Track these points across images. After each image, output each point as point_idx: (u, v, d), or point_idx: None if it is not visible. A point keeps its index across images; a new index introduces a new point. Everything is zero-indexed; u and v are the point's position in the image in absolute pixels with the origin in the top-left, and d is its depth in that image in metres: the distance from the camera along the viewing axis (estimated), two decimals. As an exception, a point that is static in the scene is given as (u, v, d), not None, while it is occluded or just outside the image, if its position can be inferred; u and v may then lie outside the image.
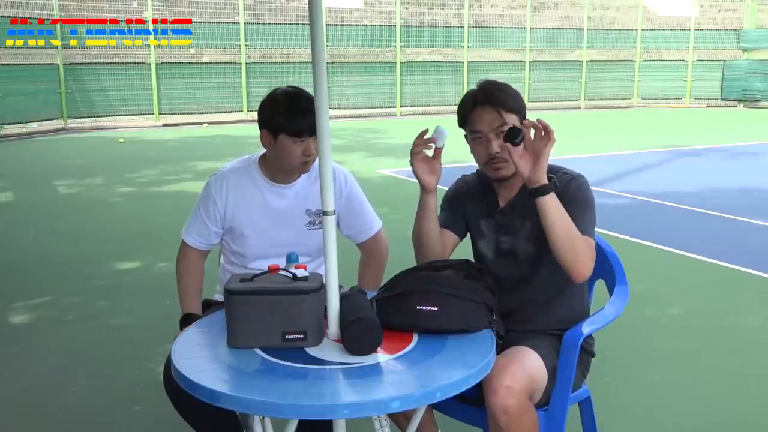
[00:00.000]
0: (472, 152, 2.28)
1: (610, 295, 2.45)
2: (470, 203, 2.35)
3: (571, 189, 2.20)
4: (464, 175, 2.45)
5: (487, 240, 2.32)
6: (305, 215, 2.49)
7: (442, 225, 2.38)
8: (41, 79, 15.26)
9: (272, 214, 2.48)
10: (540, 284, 2.22)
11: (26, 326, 4.22)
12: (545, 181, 2.07)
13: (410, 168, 2.24)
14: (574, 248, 2.07)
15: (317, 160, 2.08)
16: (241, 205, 2.48)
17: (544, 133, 2.06)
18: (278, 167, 2.45)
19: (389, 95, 19.39)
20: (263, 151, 2.49)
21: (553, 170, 2.25)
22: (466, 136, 2.29)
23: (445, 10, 20.66)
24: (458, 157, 2.33)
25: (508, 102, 2.20)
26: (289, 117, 2.34)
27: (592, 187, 2.29)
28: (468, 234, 2.41)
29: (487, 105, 2.20)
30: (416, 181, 2.24)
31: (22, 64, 15.13)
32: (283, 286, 1.87)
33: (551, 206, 2.07)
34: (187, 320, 2.38)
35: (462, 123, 2.28)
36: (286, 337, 1.84)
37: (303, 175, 2.50)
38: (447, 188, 2.46)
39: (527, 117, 2.23)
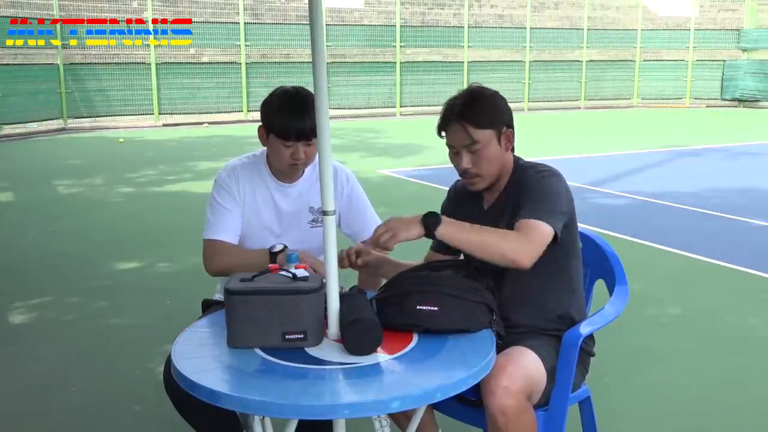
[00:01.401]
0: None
1: (610, 295, 2.45)
2: (459, 210, 2.33)
3: (528, 179, 2.19)
4: (456, 181, 2.44)
5: None
6: (308, 213, 2.51)
7: (433, 248, 2.42)
8: (41, 79, 15.26)
9: (279, 212, 2.50)
10: (523, 281, 2.21)
11: (26, 326, 4.22)
12: (419, 230, 2.02)
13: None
14: (497, 251, 2.03)
15: (317, 160, 2.07)
16: (252, 202, 2.48)
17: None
18: (275, 165, 2.47)
19: (389, 95, 19.39)
20: None
21: (527, 167, 2.26)
22: None
23: (445, 10, 20.65)
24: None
25: (479, 119, 2.19)
26: (279, 118, 2.35)
27: (592, 187, 2.28)
28: None
29: (457, 123, 2.21)
30: (416, 180, 2.24)
31: (22, 64, 15.12)
32: (283, 286, 1.87)
33: (446, 238, 2.04)
34: (273, 255, 2.24)
35: (439, 132, 2.29)
36: (286, 337, 1.84)
37: (306, 173, 2.51)
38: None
39: (512, 127, 2.24)
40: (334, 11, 18.96)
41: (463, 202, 2.37)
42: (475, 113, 2.19)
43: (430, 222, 2.03)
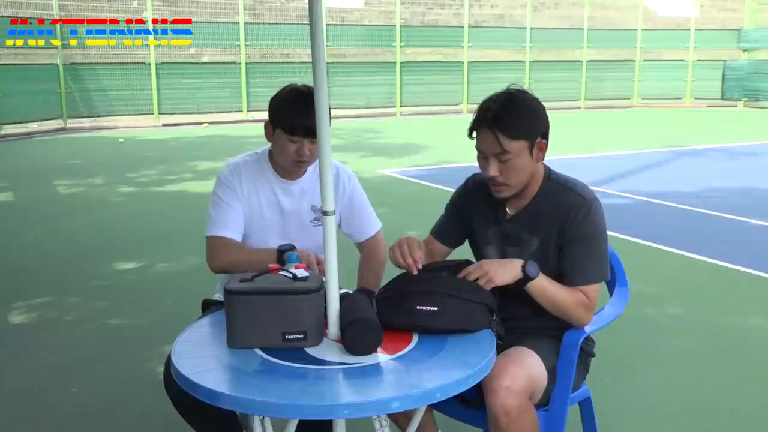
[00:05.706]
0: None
1: (610, 295, 2.45)
2: (476, 207, 2.32)
3: (577, 225, 2.14)
4: (474, 174, 2.38)
5: (493, 248, 2.29)
6: (311, 211, 2.51)
7: (434, 233, 2.39)
8: (41, 79, 15.26)
9: (281, 209, 2.49)
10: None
11: (26, 326, 4.22)
12: (516, 274, 2.07)
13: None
14: (564, 315, 2.15)
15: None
16: (254, 199, 2.48)
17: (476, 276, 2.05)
18: (279, 162, 2.47)
19: (389, 95, 19.39)
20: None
21: (564, 184, 2.21)
22: None
23: (445, 10, 20.67)
24: (454, 157, 2.29)
25: (513, 129, 2.09)
26: (288, 113, 2.36)
27: (592, 187, 2.28)
28: (466, 241, 2.39)
29: (489, 131, 2.11)
30: (416, 180, 2.23)
31: (22, 64, 15.13)
32: (283, 286, 1.87)
33: (534, 292, 2.10)
34: (281, 253, 2.22)
35: (470, 134, 2.20)
36: (286, 337, 1.84)
37: (309, 171, 2.51)
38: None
39: (546, 138, 2.17)
40: (334, 11, 18.98)
41: (483, 200, 2.30)
42: (509, 122, 2.09)
43: (529, 269, 2.06)
